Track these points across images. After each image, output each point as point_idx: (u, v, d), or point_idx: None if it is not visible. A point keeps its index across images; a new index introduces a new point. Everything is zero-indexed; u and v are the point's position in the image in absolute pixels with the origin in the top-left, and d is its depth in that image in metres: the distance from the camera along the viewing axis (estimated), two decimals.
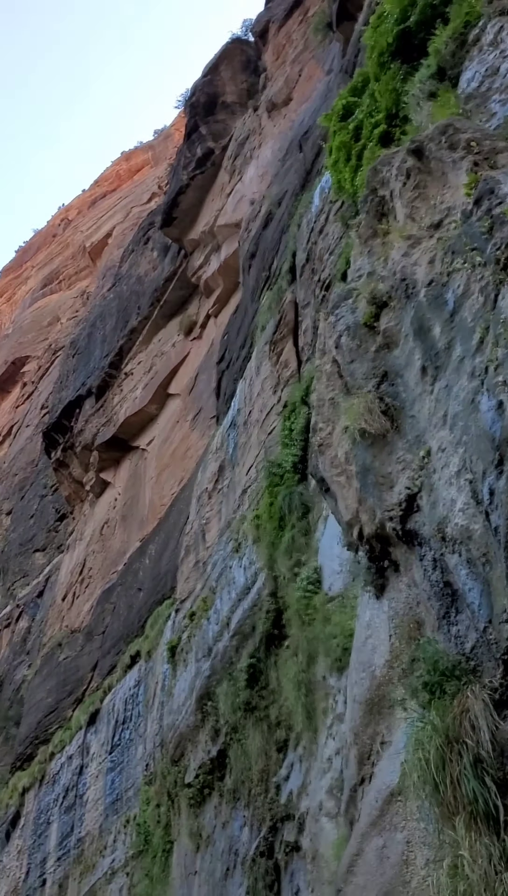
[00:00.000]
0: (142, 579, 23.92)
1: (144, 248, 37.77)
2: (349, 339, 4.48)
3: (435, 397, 3.76)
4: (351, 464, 4.19)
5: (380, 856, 3.35)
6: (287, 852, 6.91)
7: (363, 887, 3.43)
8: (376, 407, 4.05)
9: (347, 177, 9.04)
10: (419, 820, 3.19)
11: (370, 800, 3.60)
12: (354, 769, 3.98)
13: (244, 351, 17.13)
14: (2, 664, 34.42)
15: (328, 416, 4.57)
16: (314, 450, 4.80)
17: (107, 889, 17.22)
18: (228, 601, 11.70)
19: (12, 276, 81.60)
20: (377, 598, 4.02)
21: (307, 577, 8.10)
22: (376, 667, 3.87)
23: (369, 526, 4.03)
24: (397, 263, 4.31)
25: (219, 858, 9.98)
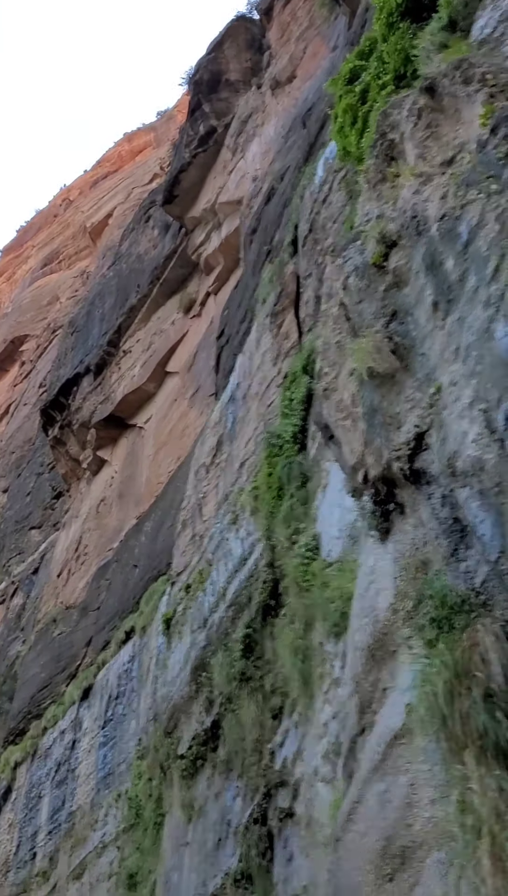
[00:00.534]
0: (138, 556, 23.84)
1: (145, 227, 37.48)
2: (357, 279, 4.35)
3: (447, 331, 3.63)
4: (358, 406, 4.07)
5: (382, 800, 3.26)
6: (281, 819, 6.84)
7: (364, 834, 3.34)
8: (384, 346, 3.93)
9: (353, 140, 8.87)
10: (423, 762, 3.10)
11: (372, 746, 3.51)
12: (354, 719, 3.89)
13: (244, 325, 16.97)
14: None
15: (334, 360, 4.45)
16: (319, 396, 4.68)
17: (97, 862, 17.22)
18: (224, 573, 11.61)
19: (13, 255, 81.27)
20: (381, 542, 3.91)
21: (306, 544, 8.00)
22: (379, 611, 3.77)
23: (375, 468, 3.91)
24: (407, 202, 4.18)
25: (211, 829, 9.93)
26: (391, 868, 3.11)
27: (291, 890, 6.30)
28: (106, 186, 69.67)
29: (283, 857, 6.66)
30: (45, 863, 19.43)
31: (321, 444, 9.13)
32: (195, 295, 29.45)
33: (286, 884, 6.45)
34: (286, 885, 6.44)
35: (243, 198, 24.98)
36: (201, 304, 28.57)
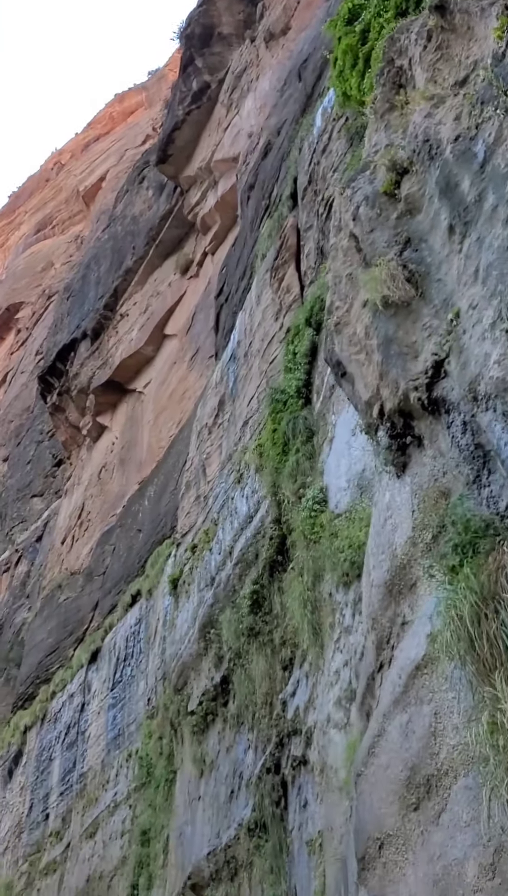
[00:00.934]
0: (141, 521, 23.83)
1: (139, 188, 36.93)
2: (367, 208, 4.20)
3: (465, 254, 3.51)
4: (372, 338, 3.96)
5: (405, 731, 3.22)
6: (294, 767, 6.85)
7: (387, 766, 3.30)
8: (399, 274, 3.81)
9: (353, 83, 8.62)
10: (447, 690, 3.05)
11: (393, 678, 3.46)
12: (371, 656, 3.84)
13: (244, 282, 16.74)
14: (1, 608, 34.59)
15: (346, 293, 4.33)
16: (330, 331, 4.56)
17: (110, 821, 17.45)
18: (230, 531, 11.56)
19: (5, 221, 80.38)
20: (397, 477, 3.83)
21: (313, 496, 7.93)
22: (396, 546, 3.70)
23: (390, 401, 3.81)
24: (418, 126, 4.03)
25: (223, 782, 10.00)
26: (416, 797, 3.08)
27: (306, 836, 6.33)
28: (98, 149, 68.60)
29: (297, 804, 6.69)
30: (57, 823, 19.70)
31: (325, 397, 9.02)
32: (192, 255, 29.09)
33: (301, 830, 6.49)
34: (301, 831, 6.47)
35: (238, 154, 24.54)
36: (198, 264, 28.23)
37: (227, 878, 8.75)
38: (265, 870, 7.47)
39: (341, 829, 5.62)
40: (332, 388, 8.72)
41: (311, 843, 6.19)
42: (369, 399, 4.03)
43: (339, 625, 6.73)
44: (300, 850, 6.40)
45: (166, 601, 14.88)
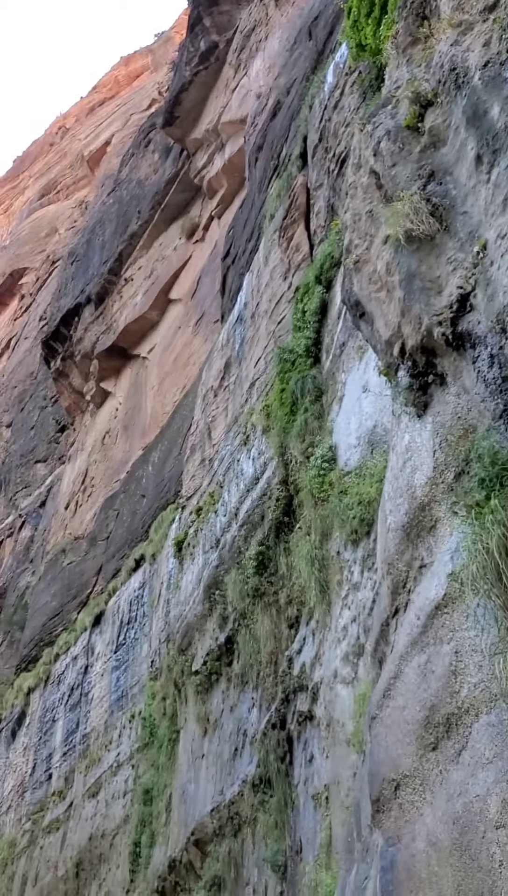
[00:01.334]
0: (145, 486, 23.81)
1: (145, 151, 36.44)
2: (389, 143, 4.07)
3: (493, 183, 3.39)
4: (393, 275, 3.85)
5: (423, 672, 3.16)
6: (300, 722, 6.85)
7: (403, 707, 3.25)
8: (423, 207, 3.69)
9: (369, 32, 8.39)
10: (468, 628, 2.99)
11: (410, 620, 3.40)
12: (386, 602, 3.78)
13: (251, 244, 16.52)
14: (5, 572, 34.76)
15: (366, 231, 4.20)
16: (348, 270, 4.44)
17: (112, 780, 17.61)
18: (235, 493, 11.50)
19: (9, 186, 79.60)
20: (418, 417, 3.74)
21: (322, 455, 7.83)
22: (416, 487, 3.62)
23: (412, 338, 3.71)
24: (444, 55, 3.88)
25: (227, 740, 10.04)
26: (435, 737, 3.04)
27: (312, 790, 6.34)
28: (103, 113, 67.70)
29: (303, 759, 6.70)
30: (60, 783, 19.91)
31: (335, 355, 8.90)
32: (198, 219, 28.77)
33: (307, 784, 6.49)
34: (307, 785, 6.48)
35: (246, 116, 24.13)
36: (204, 228, 27.93)
37: (230, 834, 8.81)
38: (270, 825, 7.50)
39: (348, 781, 5.61)
40: (342, 346, 8.59)
41: (317, 797, 6.20)
42: (389, 338, 3.92)
43: (347, 582, 6.68)
44: (306, 803, 6.41)
45: (171, 563, 14.88)
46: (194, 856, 9.42)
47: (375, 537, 6.42)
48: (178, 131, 29.70)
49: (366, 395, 7.19)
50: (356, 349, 8.10)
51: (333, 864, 5.23)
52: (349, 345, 8.36)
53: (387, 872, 3.08)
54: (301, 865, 6.25)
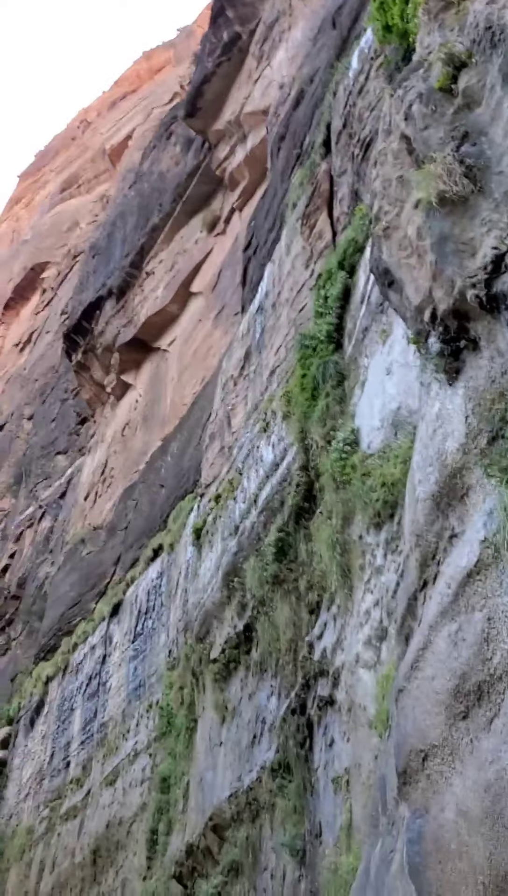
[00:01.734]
0: (164, 476, 23.84)
1: (167, 144, 36.42)
2: (421, 106, 3.99)
3: None
4: (424, 239, 3.77)
5: (454, 640, 3.10)
6: (321, 707, 6.79)
7: (432, 677, 3.19)
8: (456, 169, 3.61)
9: (396, 12, 8.28)
10: (501, 594, 2.92)
11: (440, 590, 3.34)
12: (414, 575, 3.72)
13: (273, 234, 16.44)
14: (25, 563, 34.97)
15: (395, 197, 4.13)
16: (377, 238, 4.37)
17: (130, 769, 17.66)
18: (255, 480, 11.45)
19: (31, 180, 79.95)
20: (449, 384, 3.66)
21: (344, 439, 7.76)
22: (447, 454, 3.55)
23: (444, 302, 3.64)
24: (479, 14, 3.79)
25: (245, 728, 10.00)
26: (465, 706, 2.97)
27: (332, 773, 6.28)
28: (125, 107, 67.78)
29: (323, 744, 6.64)
30: (78, 771, 20.00)
31: (358, 340, 8.81)
32: (219, 212, 28.71)
33: (327, 768, 6.44)
34: (327, 769, 6.43)
35: (269, 107, 24.03)
36: (225, 221, 27.86)
37: (248, 820, 8.78)
38: (288, 810, 7.46)
39: (369, 764, 5.55)
40: (365, 331, 8.51)
41: (337, 781, 6.15)
42: (419, 304, 3.85)
43: (370, 566, 6.61)
44: (326, 787, 6.36)
45: (189, 551, 14.86)
46: (212, 841, 9.40)
47: (398, 520, 6.35)
48: (199, 123, 29.62)
49: (390, 377, 7.11)
50: (380, 333, 8.02)
51: (353, 846, 5.18)
52: (372, 329, 8.28)
53: (414, 844, 3.02)
54: (321, 849, 6.21)
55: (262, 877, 8.17)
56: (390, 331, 7.76)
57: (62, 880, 17.83)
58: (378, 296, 8.18)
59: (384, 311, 8.00)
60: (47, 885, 18.33)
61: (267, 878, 8.04)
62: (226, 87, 28.81)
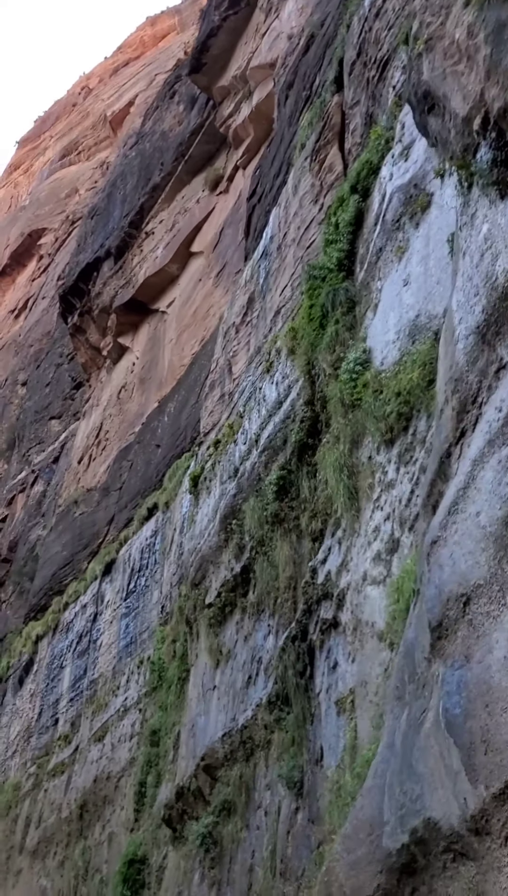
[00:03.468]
0: (160, 436, 23.46)
1: (170, 103, 35.71)
2: None
3: None
4: (477, 35, 3.40)
5: (504, 466, 2.76)
6: (323, 631, 6.47)
7: (477, 513, 2.85)
8: None
9: None
10: None
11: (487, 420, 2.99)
12: (449, 429, 3.37)
13: (279, 179, 15.96)
14: (16, 527, 34.60)
15: (440, 5, 3.74)
16: (417, 57, 3.99)
17: (119, 725, 17.40)
18: (257, 420, 11.07)
19: (30, 146, 78.89)
20: (501, 198, 3.30)
21: (355, 358, 7.38)
22: (498, 275, 3.19)
23: (500, 99, 3.27)
24: None
25: (240, 669, 9.69)
26: None
27: (335, 696, 5.97)
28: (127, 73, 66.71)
29: (325, 668, 6.32)
30: (66, 727, 19.75)
31: (371, 263, 8.41)
32: (222, 171, 28.12)
33: (330, 691, 6.13)
34: (330, 693, 6.11)
35: (276, 59, 23.43)
36: (228, 179, 27.29)
37: (242, 759, 8.49)
38: (286, 743, 7.16)
39: (376, 679, 5.24)
40: (379, 252, 8.11)
41: (341, 702, 5.84)
42: (468, 113, 3.49)
43: (380, 483, 6.26)
44: (328, 711, 6.05)
45: (186, 503, 14.51)
46: (204, 782, 9.11)
47: (414, 431, 6.00)
48: (204, 79, 28.97)
49: (407, 288, 6.72)
50: (395, 251, 7.62)
51: (357, 765, 4.88)
52: (386, 249, 7.88)
53: (453, 695, 2.70)
54: (321, 774, 5.90)
55: (255, 815, 7.89)
56: (406, 246, 7.37)
57: (48, 835, 17.63)
58: (396, 212, 7.78)
59: (401, 228, 7.60)
60: (33, 839, 18.13)
61: (260, 816, 7.76)
62: (232, 41, 28.13)
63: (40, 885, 17.02)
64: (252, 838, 7.79)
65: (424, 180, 7.33)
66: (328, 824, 5.44)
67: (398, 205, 7.69)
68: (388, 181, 8.19)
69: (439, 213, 6.41)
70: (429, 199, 7.15)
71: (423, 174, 7.38)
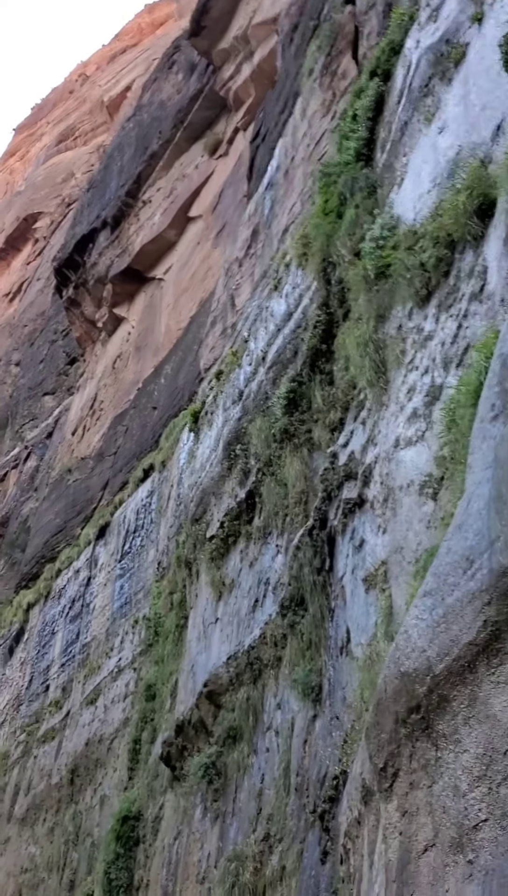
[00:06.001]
0: (157, 398, 22.75)
1: (168, 73, 35.01)
2: None
3: None
4: None
5: None
6: (346, 513, 5.77)
7: None
8: None
9: None
10: None
11: None
12: None
13: (285, 115, 15.27)
14: (9, 502, 33.82)
15: None
16: None
17: (112, 686, 16.68)
18: (264, 338, 10.37)
19: (26, 133, 78.36)
20: None
21: (382, 225, 6.67)
22: None
23: None
24: None
25: (246, 596, 8.99)
26: None
27: (363, 573, 5.28)
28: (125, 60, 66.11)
29: (349, 550, 5.62)
30: (57, 693, 19.00)
31: (395, 141, 7.71)
32: (222, 135, 27.44)
33: (356, 572, 5.44)
34: (356, 573, 5.42)
35: (279, 13, 22.76)
36: (228, 142, 26.60)
37: (249, 681, 7.78)
38: (301, 648, 6.46)
39: (415, 541, 4.56)
40: (404, 126, 7.42)
41: (370, 578, 5.15)
42: None
43: (414, 345, 5.58)
44: (355, 591, 5.36)
45: (187, 437, 13.79)
46: (206, 711, 8.40)
47: (457, 272, 5.32)
48: (204, 42, 28.27)
49: (443, 134, 6.05)
50: (424, 119, 6.93)
51: (393, 629, 4.20)
52: (413, 120, 7.20)
53: None
54: (346, 660, 5.21)
55: (264, 737, 7.19)
56: (437, 107, 6.69)
57: (38, 802, 16.88)
58: (424, 76, 7.11)
59: (430, 92, 6.92)
60: (22, 807, 17.38)
61: (270, 738, 7.06)
62: (233, 4, 27.45)
63: (29, 853, 16.27)
64: (261, 762, 7.08)
65: (457, 33, 6.67)
66: (356, 709, 4.76)
67: (426, 67, 7.01)
68: (414, 50, 7.52)
69: (482, 45, 5.74)
70: (463, 50, 6.47)
71: (456, 27, 6.72)
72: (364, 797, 3.13)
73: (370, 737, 3.19)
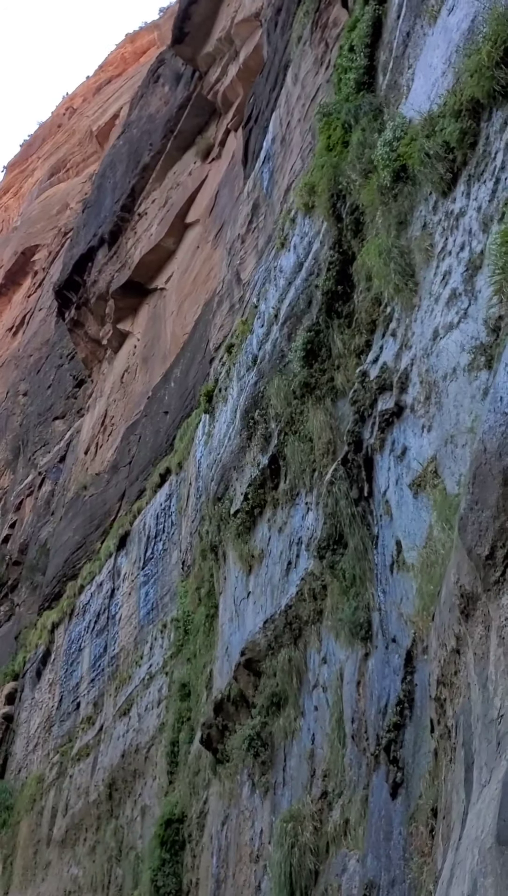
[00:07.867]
0: (168, 403, 22.29)
1: (155, 87, 35.01)
2: None
3: None
4: None
5: None
6: (383, 428, 5.23)
7: None
8: None
9: None
10: None
11: None
12: None
13: (275, 91, 14.95)
14: (27, 529, 33.36)
15: None
16: None
17: (145, 693, 16.05)
18: (274, 295, 9.89)
19: (17, 170, 78.93)
20: None
21: (395, 126, 6.17)
22: None
23: None
24: None
25: (277, 562, 8.43)
26: None
27: (409, 479, 4.67)
28: (110, 90, 66.66)
29: (390, 462, 5.05)
30: (89, 709, 18.39)
31: (396, 57, 7.27)
32: (213, 139, 27.25)
33: (400, 482, 4.85)
34: (400, 483, 4.84)
35: (261, 8, 22.62)
36: (220, 144, 26.39)
37: (289, 642, 7.21)
38: (343, 589, 5.90)
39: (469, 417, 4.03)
40: (406, 38, 6.97)
41: (417, 481, 4.60)
42: None
43: (444, 231, 5.07)
44: (402, 501, 4.81)
45: (203, 419, 13.29)
46: (246, 683, 7.81)
47: (486, 136, 4.82)
48: (188, 49, 28.21)
49: (453, 12, 5.58)
50: (428, 20, 6.49)
51: (450, 516, 3.66)
52: (417, 24, 6.75)
53: None
54: (401, 569, 4.65)
55: (310, 696, 6.60)
56: (442, 2, 6.23)
57: (76, 822, 16.20)
58: None
59: None
60: (61, 829, 16.69)
61: (317, 695, 6.47)
62: (214, 8, 27.36)
63: (71, 875, 15.58)
64: (309, 722, 6.49)
65: None
66: (417, 620, 4.20)
67: None
68: None
69: None
70: None
71: None
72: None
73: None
